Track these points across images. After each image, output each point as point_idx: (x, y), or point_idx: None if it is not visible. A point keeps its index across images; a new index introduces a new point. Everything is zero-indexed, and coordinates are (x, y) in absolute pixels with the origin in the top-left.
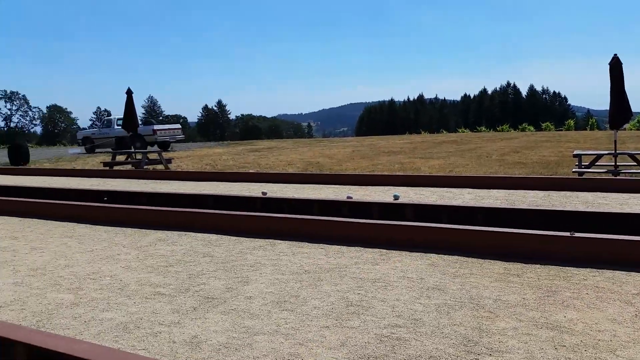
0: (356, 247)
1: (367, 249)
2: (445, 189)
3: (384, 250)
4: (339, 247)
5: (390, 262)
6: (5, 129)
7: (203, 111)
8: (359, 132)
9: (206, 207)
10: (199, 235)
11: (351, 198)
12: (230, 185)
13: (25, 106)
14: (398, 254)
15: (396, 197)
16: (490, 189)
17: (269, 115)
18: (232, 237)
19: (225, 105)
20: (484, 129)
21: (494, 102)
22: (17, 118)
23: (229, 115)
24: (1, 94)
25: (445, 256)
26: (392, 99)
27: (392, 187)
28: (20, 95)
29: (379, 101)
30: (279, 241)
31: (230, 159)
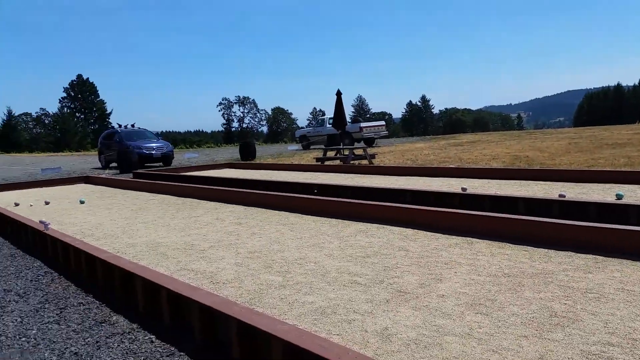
0: (566, 252)
1: (579, 254)
2: None
3: (600, 257)
4: (545, 250)
5: (607, 271)
6: (239, 129)
7: (407, 107)
8: (578, 122)
9: (404, 202)
10: (396, 229)
11: (564, 196)
12: (429, 180)
13: (255, 109)
14: (617, 262)
15: (619, 197)
16: None
17: (474, 108)
18: (428, 233)
19: (429, 100)
20: None
21: None
22: (248, 119)
23: (432, 110)
24: (235, 99)
25: None
26: (618, 84)
27: (615, 185)
28: (250, 100)
29: (603, 87)
30: (477, 240)
31: (431, 153)
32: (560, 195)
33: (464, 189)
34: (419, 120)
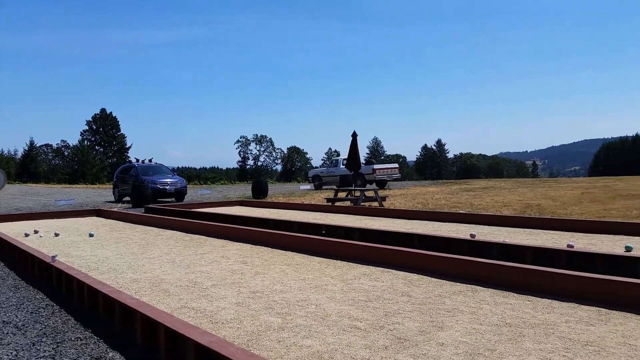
0: (570, 304)
1: (583, 306)
2: None
3: (604, 310)
4: (549, 301)
5: (610, 325)
6: (254, 167)
7: (422, 150)
8: (593, 172)
9: (412, 246)
10: (401, 273)
11: (572, 247)
12: (438, 225)
13: (271, 147)
14: (621, 316)
15: (629, 249)
16: None
17: (489, 154)
18: (432, 279)
19: (444, 145)
20: None
21: None
22: (264, 157)
23: (447, 154)
24: (253, 137)
25: None
26: (637, 134)
27: (625, 237)
28: (267, 138)
29: (621, 137)
30: (481, 288)
31: (442, 198)
32: (568, 246)
33: (472, 236)
34: (433, 164)
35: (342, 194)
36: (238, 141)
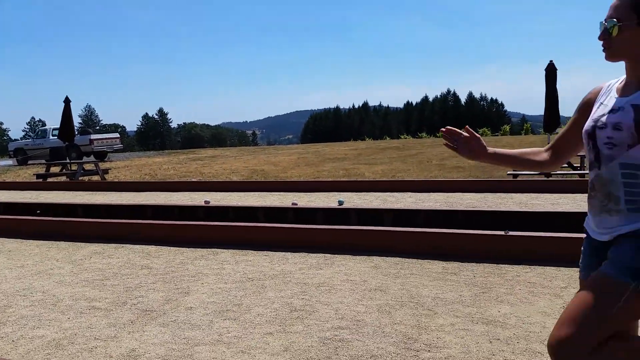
0: (301, 253)
1: (311, 254)
2: (388, 193)
3: (328, 255)
4: (283, 253)
5: (334, 266)
6: None
7: (143, 120)
8: (305, 140)
9: (145, 218)
10: (137, 247)
11: (296, 204)
12: (171, 195)
13: None
14: (342, 258)
15: (340, 203)
16: (430, 192)
17: (212, 124)
18: (172, 248)
19: (166, 114)
20: (425, 135)
21: (435, 109)
22: None
23: (170, 124)
24: None
25: (387, 258)
26: (337, 107)
27: (336, 193)
28: None
29: (325, 108)
30: (222, 250)
31: (171, 168)
32: (293, 204)
33: (207, 202)
34: (156, 134)
35: (55, 169)
36: None
